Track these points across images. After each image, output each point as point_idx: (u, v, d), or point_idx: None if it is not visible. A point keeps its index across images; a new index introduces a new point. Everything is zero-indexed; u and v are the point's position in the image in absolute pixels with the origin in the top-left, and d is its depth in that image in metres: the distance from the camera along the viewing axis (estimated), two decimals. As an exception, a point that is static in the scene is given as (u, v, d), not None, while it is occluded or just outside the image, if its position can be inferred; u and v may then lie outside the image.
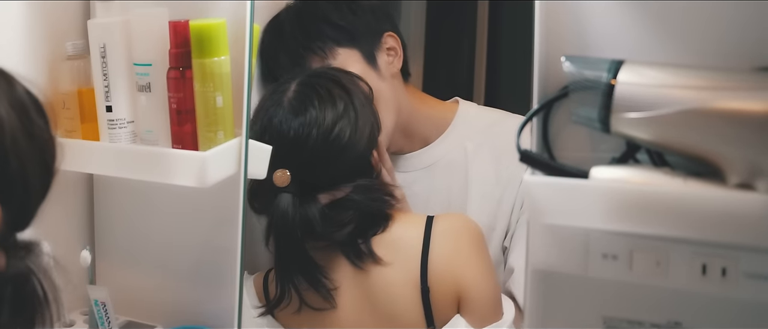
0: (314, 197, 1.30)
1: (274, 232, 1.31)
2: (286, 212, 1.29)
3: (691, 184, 0.90)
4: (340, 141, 1.31)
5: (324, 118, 1.31)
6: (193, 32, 1.22)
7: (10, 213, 0.87)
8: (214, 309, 1.37)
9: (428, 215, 1.35)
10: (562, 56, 0.98)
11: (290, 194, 1.29)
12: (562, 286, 1.07)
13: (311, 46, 1.48)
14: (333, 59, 1.48)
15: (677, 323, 1.01)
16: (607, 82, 0.92)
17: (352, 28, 1.50)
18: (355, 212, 1.32)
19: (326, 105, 1.32)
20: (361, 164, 1.35)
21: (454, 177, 1.58)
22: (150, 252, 1.45)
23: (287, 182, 1.29)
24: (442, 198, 1.57)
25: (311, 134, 1.30)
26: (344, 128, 1.31)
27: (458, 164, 1.58)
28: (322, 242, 1.32)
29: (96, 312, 1.34)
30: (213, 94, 1.23)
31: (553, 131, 1.04)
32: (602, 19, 1.00)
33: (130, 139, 1.31)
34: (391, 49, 1.55)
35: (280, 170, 1.29)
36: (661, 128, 0.91)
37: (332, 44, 1.48)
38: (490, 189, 1.55)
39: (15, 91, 0.88)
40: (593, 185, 0.94)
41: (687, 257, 0.94)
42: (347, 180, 1.32)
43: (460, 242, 1.32)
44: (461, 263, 1.30)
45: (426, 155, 1.60)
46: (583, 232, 0.99)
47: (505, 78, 2.39)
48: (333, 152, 1.31)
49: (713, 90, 0.89)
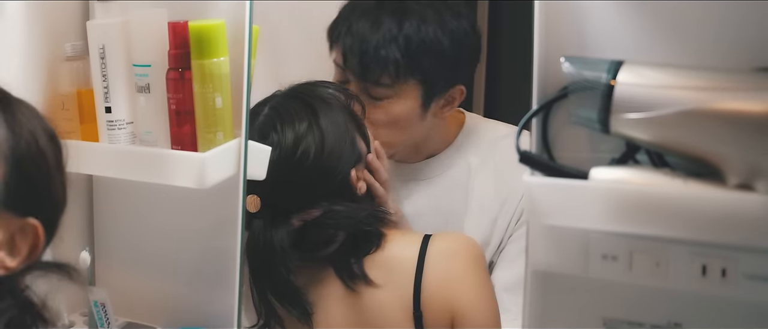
0: (285, 221, 1.29)
1: (248, 258, 1.31)
2: (256, 238, 1.29)
3: (691, 185, 0.90)
4: (305, 161, 1.28)
5: (284, 139, 1.29)
6: (192, 33, 1.22)
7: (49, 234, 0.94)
8: (213, 310, 1.37)
9: (425, 234, 1.32)
10: (562, 57, 0.98)
11: (261, 220, 1.29)
12: (561, 287, 1.06)
13: (390, 62, 1.44)
14: (397, 87, 1.46)
15: (677, 324, 1.01)
16: (607, 82, 0.92)
17: (435, 69, 1.47)
18: (335, 231, 1.29)
19: (286, 127, 1.30)
20: (335, 184, 1.31)
21: (455, 191, 1.57)
22: (149, 253, 1.44)
23: (257, 208, 1.29)
24: (442, 211, 1.57)
25: (272, 156, 1.28)
26: (308, 148, 1.28)
27: (460, 179, 1.58)
28: (305, 262, 1.30)
29: (95, 313, 1.34)
30: (212, 95, 1.23)
31: (553, 132, 1.04)
32: (602, 20, 1.00)
33: (130, 140, 1.31)
34: (452, 101, 1.53)
35: (250, 195, 1.29)
36: (660, 128, 0.91)
37: (405, 72, 1.45)
38: (488, 204, 1.55)
39: (45, 123, 0.95)
40: (593, 186, 0.94)
41: (687, 258, 0.94)
42: (321, 200, 1.30)
43: (455, 263, 1.28)
44: (457, 286, 1.27)
45: (429, 167, 1.60)
46: (582, 233, 0.99)
47: (505, 79, 2.39)
48: (299, 173, 1.28)
49: (713, 91, 0.89)
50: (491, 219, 1.54)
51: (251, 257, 1.31)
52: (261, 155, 1.29)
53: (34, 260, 0.91)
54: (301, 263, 1.30)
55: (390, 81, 1.46)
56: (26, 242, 0.90)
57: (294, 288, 1.30)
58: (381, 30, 1.44)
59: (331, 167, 1.30)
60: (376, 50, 1.44)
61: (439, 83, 1.49)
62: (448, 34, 1.46)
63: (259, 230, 1.29)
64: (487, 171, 1.56)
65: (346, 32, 1.48)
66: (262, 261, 1.29)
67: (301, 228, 1.30)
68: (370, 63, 1.45)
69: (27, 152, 0.90)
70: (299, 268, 1.30)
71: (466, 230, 1.54)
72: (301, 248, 1.30)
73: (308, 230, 1.30)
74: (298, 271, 1.30)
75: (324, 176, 1.30)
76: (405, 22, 1.44)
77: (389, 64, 1.44)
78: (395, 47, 1.44)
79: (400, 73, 1.45)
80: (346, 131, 1.33)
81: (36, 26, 1.33)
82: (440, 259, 1.27)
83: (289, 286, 1.29)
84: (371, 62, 1.44)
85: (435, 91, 1.50)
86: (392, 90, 1.47)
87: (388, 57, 1.43)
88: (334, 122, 1.32)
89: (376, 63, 1.44)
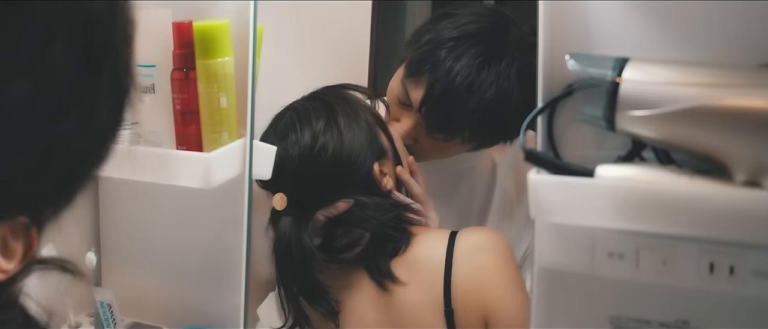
0: (311, 218, 1.30)
1: (275, 256, 1.32)
2: (285, 235, 1.29)
3: (698, 182, 0.90)
4: (324, 156, 1.29)
5: (303, 137, 1.31)
6: (196, 33, 1.22)
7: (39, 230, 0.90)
8: (219, 310, 1.37)
9: (452, 230, 1.31)
10: (567, 54, 0.98)
11: (289, 217, 1.30)
12: (568, 285, 1.06)
13: (470, 129, 1.40)
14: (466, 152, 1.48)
15: (685, 322, 1.01)
16: (612, 80, 0.92)
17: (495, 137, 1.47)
18: (363, 231, 1.30)
19: (304, 126, 1.32)
20: (358, 178, 1.32)
21: (478, 188, 1.57)
22: (155, 254, 1.44)
23: (284, 205, 1.30)
24: (464, 208, 1.56)
25: (291, 155, 1.30)
26: (326, 143, 1.30)
27: (484, 176, 1.57)
28: (334, 263, 1.31)
29: (101, 313, 1.34)
30: (217, 95, 1.23)
31: (558, 130, 1.03)
32: (607, 17, 0.99)
33: (135, 140, 1.30)
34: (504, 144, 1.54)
35: (277, 194, 1.31)
36: (666, 125, 0.90)
37: (478, 141, 1.45)
38: (511, 207, 1.54)
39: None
40: (599, 184, 0.93)
41: (694, 255, 0.93)
42: (346, 195, 1.31)
43: (484, 259, 1.27)
44: (486, 282, 1.26)
45: (454, 164, 1.59)
46: (589, 231, 0.98)
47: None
48: (319, 168, 1.30)
49: (719, 87, 0.88)
50: (515, 220, 1.54)
51: (278, 254, 1.31)
52: (266, 154, 1.29)
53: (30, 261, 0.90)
54: (328, 262, 1.30)
55: (458, 142, 1.44)
56: (19, 242, 0.88)
57: (321, 286, 1.30)
58: (474, 96, 1.36)
59: (352, 161, 1.31)
60: (461, 121, 1.39)
61: (495, 143, 1.51)
62: (522, 100, 1.36)
63: (285, 228, 1.29)
64: (511, 171, 1.57)
65: (437, 79, 1.38)
66: (289, 258, 1.30)
67: (328, 227, 1.31)
68: (448, 128, 1.40)
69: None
70: (327, 267, 1.31)
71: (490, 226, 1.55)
72: (328, 249, 1.30)
73: (335, 229, 1.31)
74: (327, 270, 1.31)
75: (344, 170, 1.31)
76: (500, 88, 1.36)
77: (465, 133, 1.41)
78: (479, 121, 1.38)
79: (472, 141, 1.45)
80: (366, 127, 1.35)
81: (41, 27, 1.32)
82: (469, 255, 1.27)
83: (316, 283, 1.30)
84: (449, 127, 1.40)
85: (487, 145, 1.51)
86: (466, 149, 1.48)
87: (465, 127, 1.40)
88: (352, 117, 1.34)
89: (453, 130, 1.41)
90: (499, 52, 1.38)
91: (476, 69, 1.36)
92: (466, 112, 1.37)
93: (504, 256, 1.28)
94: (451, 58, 1.37)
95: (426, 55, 1.40)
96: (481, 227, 1.46)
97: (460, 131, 1.41)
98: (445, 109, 1.38)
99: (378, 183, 1.33)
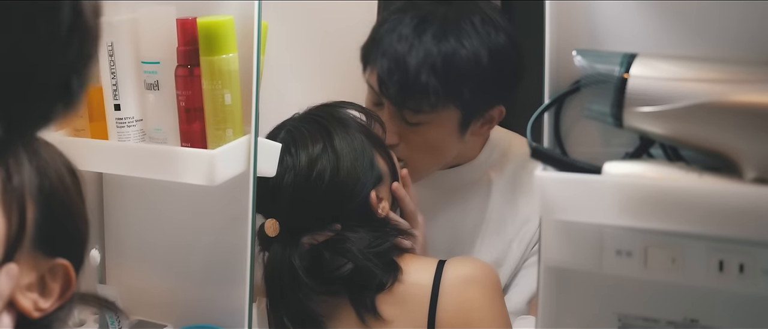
0: (300, 243, 1.27)
1: (265, 282, 1.30)
2: (276, 262, 1.27)
3: (707, 179, 0.89)
4: (321, 183, 1.26)
5: (299, 162, 1.27)
6: (200, 30, 1.21)
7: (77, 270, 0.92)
8: (224, 308, 1.37)
9: (440, 259, 1.28)
10: (574, 50, 0.97)
11: (280, 244, 1.27)
12: (575, 283, 1.05)
13: (429, 91, 1.37)
14: (435, 114, 1.40)
15: (694, 320, 1.00)
16: (620, 76, 0.91)
17: (473, 93, 1.40)
18: (345, 259, 1.26)
19: (300, 149, 1.29)
20: (354, 205, 1.29)
21: (472, 206, 1.53)
22: (160, 251, 1.44)
23: (276, 232, 1.27)
24: (455, 225, 1.53)
25: (286, 181, 1.27)
26: (323, 170, 1.26)
27: (479, 195, 1.54)
28: (321, 288, 1.27)
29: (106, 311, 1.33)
30: (221, 91, 1.22)
31: (565, 127, 1.03)
32: (614, 12, 0.99)
33: (139, 137, 1.30)
34: (489, 121, 1.49)
35: (269, 220, 1.28)
36: (675, 122, 0.89)
37: (442, 98, 1.38)
38: (505, 228, 1.51)
39: (65, 159, 0.93)
40: (606, 181, 0.92)
41: (703, 253, 0.93)
42: (340, 222, 1.28)
43: (472, 291, 1.23)
44: (472, 316, 1.22)
45: (451, 178, 1.56)
46: (596, 228, 0.98)
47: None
48: (315, 194, 1.27)
49: (728, 83, 0.88)
50: (507, 241, 1.51)
51: (269, 280, 1.29)
52: (271, 151, 1.29)
53: (66, 300, 0.91)
54: (317, 288, 1.27)
55: (428, 109, 1.40)
56: (57, 283, 0.89)
57: (311, 315, 1.27)
58: (419, 52, 1.37)
59: (349, 188, 1.28)
60: (416, 77, 1.37)
61: (478, 106, 1.44)
62: (489, 52, 1.39)
63: (277, 255, 1.27)
64: (508, 192, 1.53)
65: (382, 54, 1.41)
66: (280, 285, 1.28)
67: (315, 251, 1.27)
68: (408, 90, 1.39)
69: (54, 192, 0.88)
70: (317, 295, 1.27)
71: (478, 247, 1.52)
72: (315, 276, 1.27)
73: (321, 254, 1.27)
74: (317, 299, 1.27)
75: (341, 197, 1.28)
76: (444, 41, 1.38)
77: (429, 93, 1.37)
78: (434, 73, 1.37)
79: (439, 102, 1.39)
80: (364, 151, 1.31)
81: (44, 24, 1.32)
82: (456, 287, 1.23)
83: (306, 312, 1.27)
84: (409, 90, 1.38)
85: (474, 115, 1.45)
86: (429, 116, 1.42)
87: (427, 84, 1.37)
88: (349, 142, 1.30)
89: (414, 90, 1.38)
90: (433, 11, 1.41)
91: (413, 30, 1.39)
92: (418, 71, 1.37)
93: (492, 290, 1.25)
94: (389, 31, 1.41)
95: (370, 42, 1.45)
96: (470, 258, 1.41)
97: (423, 95, 1.38)
98: (398, 75, 1.38)
99: (374, 211, 1.30)
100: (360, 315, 1.25)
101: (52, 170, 0.89)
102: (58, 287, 0.88)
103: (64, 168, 0.91)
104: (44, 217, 0.86)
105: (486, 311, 1.23)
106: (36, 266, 0.87)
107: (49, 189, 0.88)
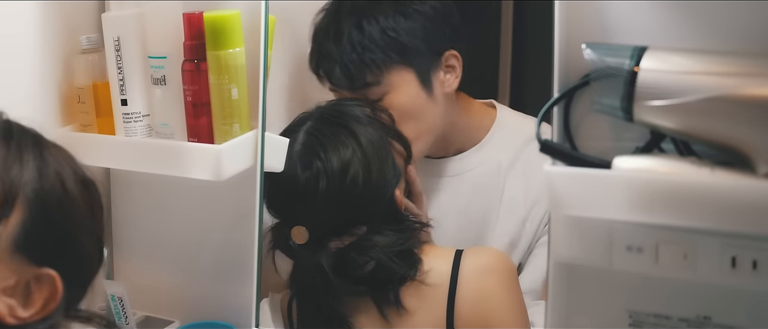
0: (328, 248, 1.27)
1: (294, 288, 1.30)
2: (306, 269, 1.27)
3: (719, 174, 0.88)
4: (355, 189, 1.26)
5: (331, 168, 1.26)
6: (207, 24, 1.21)
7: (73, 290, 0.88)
8: (231, 304, 1.36)
9: (457, 249, 1.29)
10: (583, 43, 0.96)
11: (309, 251, 1.27)
12: (585, 279, 1.04)
13: (364, 60, 1.41)
14: (384, 77, 1.42)
15: (706, 317, 0.98)
16: (630, 69, 0.90)
17: (410, 44, 1.43)
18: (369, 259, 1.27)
19: (331, 154, 1.28)
20: (383, 207, 1.30)
21: (484, 189, 1.53)
22: (167, 247, 1.44)
23: (305, 239, 1.27)
24: (468, 211, 1.53)
25: (319, 186, 1.26)
26: (356, 175, 1.26)
27: (490, 177, 1.54)
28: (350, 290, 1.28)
29: (113, 307, 1.33)
30: (228, 86, 1.22)
31: (575, 121, 1.01)
32: (624, 4, 0.97)
33: (146, 133, 1.30)
34: (450, 67, 1.49)
35: (296, 227, 1.27)
36: (686, 116, 0.88)
37: (385, 62, 1.42)
38: (517, 206, 1.51)
39: (78, 168, 0.90)
40: (617, 176, 0.91)
41: (716, 249, 0.91)
42: (368, 223, 1.28)
43: (490, 281, 1.25)
44: (491, 306, 1.24)
45: (459, 164, 1.56)
46: (606, 224, 0.96)
47: (531, 67, 2.36)
48: (349, 200, 1.27)
49: (741, 76, 0.86)
50: (520, 221, 1.51)
51: (300, 285, 1.29)
52: (278, 146, 1.28)
53: (49, 314, 0.86)
54: (346, 290, 1.27)
55: (376, 78, 1.42)
56: (42, 293, 0.84)
57: (340, 315, 1.28)
58: (344, 40, 1.42)
59: (380, 189, 1.29)
60: (351, 60, 1.42)
61: (423, 56, 1.45)
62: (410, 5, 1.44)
63: (307, 260, 1.27)
64: (517, 172, 1.53)
65: (321, 58, 1.47)
66: (313, 289, 1.28)
67: (342, 254, 1.28)
68: (351, 74, 1.42)
69: (50, 197, 0.85)
70: (346, 296, 1.28)
71: (492, 230, 1.52)
72: (342, 275, 1.27)
73: (348, 256, 1.28)
74: (344, 299, 1.29)
75: (373, 199, 1.28)
76: (363, 21, 1.42)
77: (368, 64, 1.41)
78: (364, 48, 1.41)
79: (381, 66, 1.42)
80: (387, 150, 1.32)
81: (51, 19, 1.32)
82: (474, 277, 1.25)
83: (336, 313, 1.28)
84: (351, 72, 1.42)
85: (425, 65, 1.45)
86: (384, 85, 1.43)
87: (363, 59, 1.41)
88: (374, 142, 1.30)
89: (356, 70, 1.42)
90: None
91: (333, 20, 1.46)
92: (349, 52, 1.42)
93: (509, 279, 1.27)
94: (321, 36, 1.47)
95: (311, 53, 1.51)
96: (487, 248, 1.43)
97: (363, 67, 1.42)
98: (338, 66, 1.43)
99: (399, 208, 1.31)
100: (381, 310, 1.26)
101: (53, 172, 0.85)
102: (42, 298, 0.84)
103: (71, 175, 0.88)
104: (35, 221, 0.82)
105: (504, 300, 1.25)
106: (18, 270, 0.83)
107: (46, 193, 0.84)
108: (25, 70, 1.29)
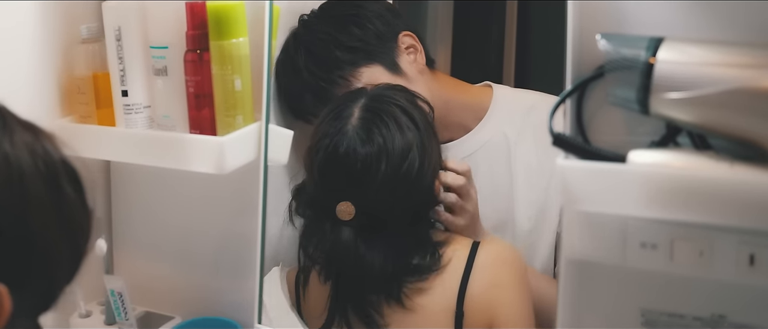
0: (378, 232, 1.25)
1: (328, 267, 1.27)
2: (348, 249, 1.24)
3: (737, 168, 0.86)
4: (410, 175, 1.24)
5: (393, 148, 1.24)
6: (210, 13, 1.19)
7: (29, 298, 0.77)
8: (233, 299, 1.36)
9: (474, 240, 1.30)
10: (598, 34, 0.94)
11: (352, 229, 1.24)
12: (598, 276, 1.03)
13: (332, 78, 1.42)
14: (357, 81, 1.41)
15: (722, 316, 0.97)
16: (646, 60, 0.88)
17: (366, 44, 1.44)
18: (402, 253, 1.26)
19: (394, 135, 1.25)
20: (426, 196, 1.29)
21: (498, 164, 1.54)
22: (168, 241, 1.43)
23: (351, 216, 1.24)
24: (487, 186, 1.52)
25: (380, 166, 1.23)
26: (414, 161, 1.25)
27: (500, 151, 1.54)
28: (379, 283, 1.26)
29: (112, 302, 1.32)
30: (231, 77, 1.20)
31: (588, 114, 1.00)
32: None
33: (147, 124, 1.28)
34: (409, 47, 1.49)
35: (343, 202, 1.24)
36: (704, 108, 0.86)
37: (352, 68, 1.42)
38: (535, 178, 1.51)
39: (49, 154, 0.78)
40: (631, 170, 0.89)
41: (733, 246, 0.89)
42: (408, 213, 1.27)
43: (502, 271, 1.28)
44: (499, 295, 1.26)
45: (467, 143, 1.55)
46: (620, 220, 0.95)
47: (537, 58, 2.35)
48: (402, 185, 1.24)
49: (760, 68, 0.84)
50: (542, 189, 1.50)
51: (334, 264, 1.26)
52: (282, 139, 1.28)
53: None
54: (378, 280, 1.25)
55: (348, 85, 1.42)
56: None
57: (372, 304, 1.27)
58: (299, 70, 1.42)
59: (429, 179, 1.28)
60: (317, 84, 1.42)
61: (381, 49, 1.46)
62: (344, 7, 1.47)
63: (349, 240, 1.24)
64: (527, 142, 1.53)
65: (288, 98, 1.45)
66: (339, 269, 1.26)
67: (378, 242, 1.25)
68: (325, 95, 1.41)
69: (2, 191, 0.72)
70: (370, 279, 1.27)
71: (516, 204, 1.51)
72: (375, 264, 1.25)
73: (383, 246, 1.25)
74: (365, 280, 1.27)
75: (421, 188, 1.27)
76: (312, 47, 1.43)
77: (334, 80, 1.41)
78: (322, 69, 1.41)
79: (347, 75, 1.41)
80: (437, 141, 1.32)
81: (50, 8, 1.31)
82: (488, 264, 1.27)
83: (369, 301, 1.26)
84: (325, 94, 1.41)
85: (387, 55, 1.46)
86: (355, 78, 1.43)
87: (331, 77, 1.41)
88: (426, 130, 1.29)
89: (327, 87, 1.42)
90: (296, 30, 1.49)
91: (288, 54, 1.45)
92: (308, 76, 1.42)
93: (520, 273, 1.29)
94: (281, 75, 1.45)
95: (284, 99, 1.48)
96: (502, 242, 1.42)
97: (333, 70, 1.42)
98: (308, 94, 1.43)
99: (436, 199, 1.31)
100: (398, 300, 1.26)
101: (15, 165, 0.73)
102: None
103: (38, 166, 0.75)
104: None
105: (513, 289, 1.27)
106: None
107: None
108: (24, 60, 1.28)
